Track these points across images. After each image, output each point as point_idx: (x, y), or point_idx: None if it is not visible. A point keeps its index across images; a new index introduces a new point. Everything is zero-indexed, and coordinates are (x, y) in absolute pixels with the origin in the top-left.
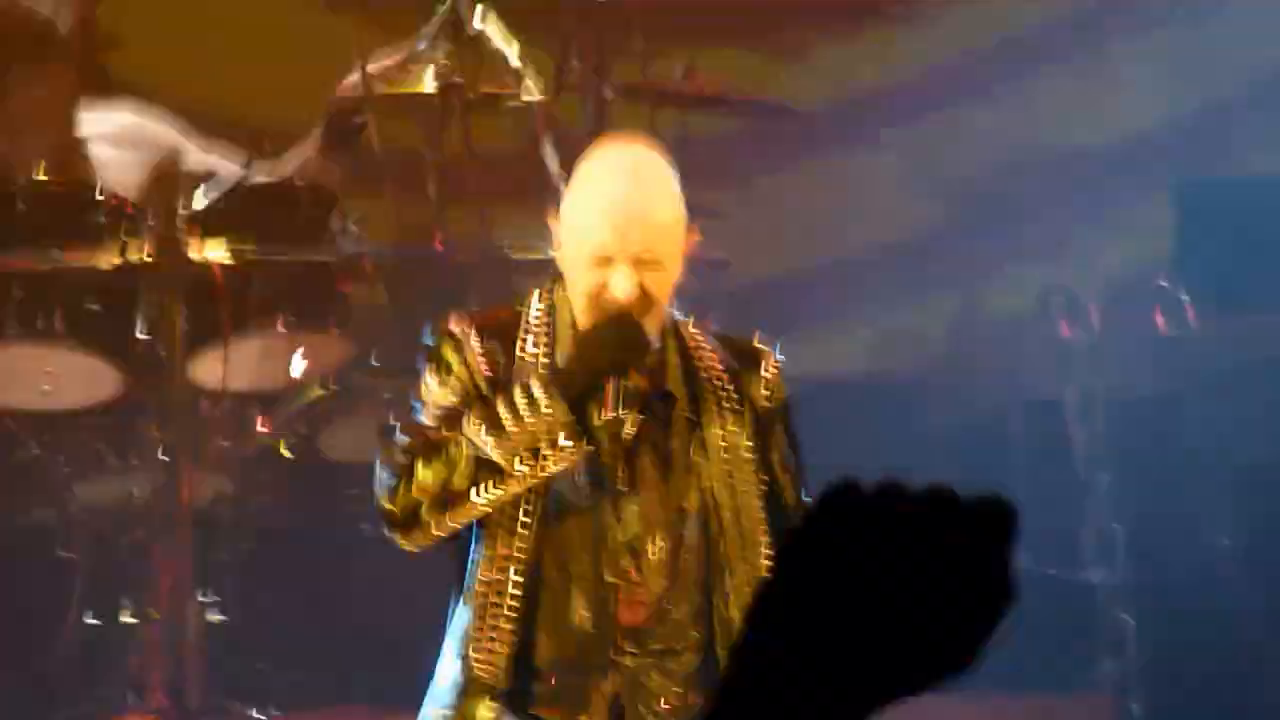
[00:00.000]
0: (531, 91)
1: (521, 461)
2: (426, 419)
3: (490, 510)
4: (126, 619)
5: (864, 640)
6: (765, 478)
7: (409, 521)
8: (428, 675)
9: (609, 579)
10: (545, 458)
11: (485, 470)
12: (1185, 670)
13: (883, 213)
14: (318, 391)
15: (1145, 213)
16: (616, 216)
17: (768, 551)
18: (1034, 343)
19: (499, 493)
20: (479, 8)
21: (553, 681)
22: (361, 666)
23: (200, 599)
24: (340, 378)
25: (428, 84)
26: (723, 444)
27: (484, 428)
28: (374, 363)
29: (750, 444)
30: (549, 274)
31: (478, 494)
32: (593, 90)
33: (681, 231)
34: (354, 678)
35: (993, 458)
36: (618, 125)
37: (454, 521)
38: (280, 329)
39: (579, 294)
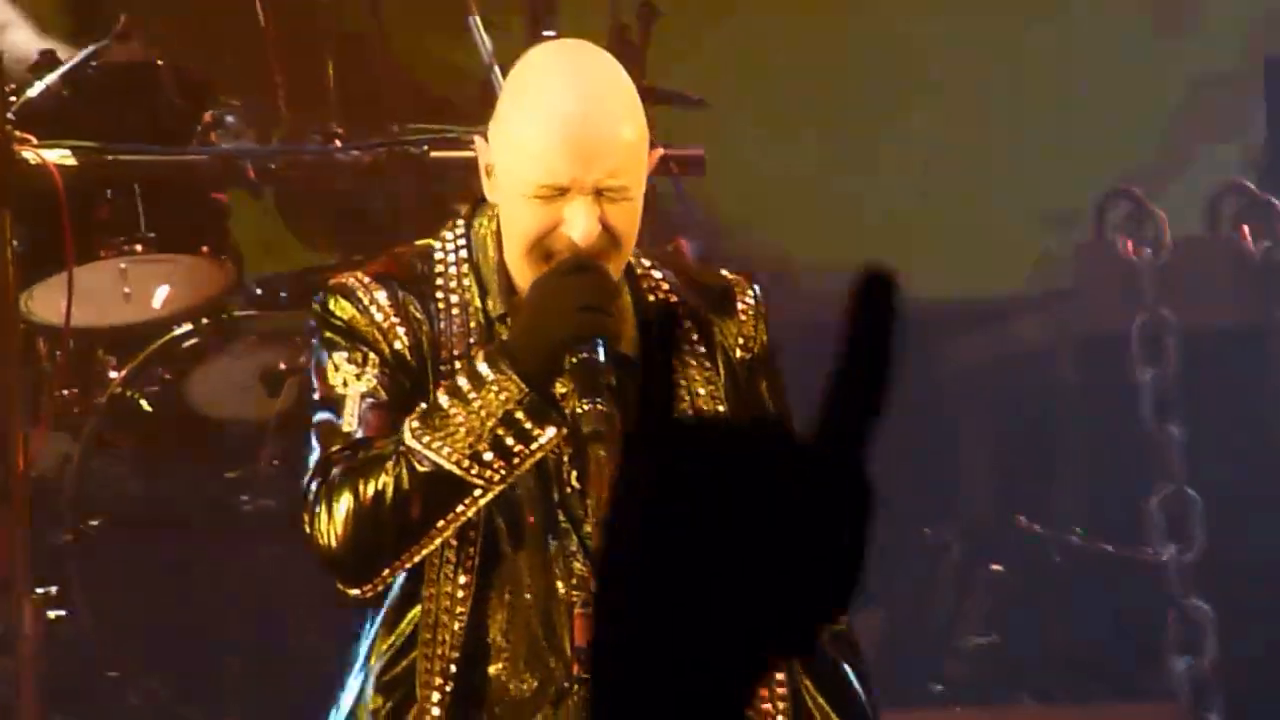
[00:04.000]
0: None
1: (482, 465)
2: (348, 421)
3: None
4: None
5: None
6: None
7: (361, 568)
8: (325, 688)
9: (561, 591)
10: (512, 454)
11: (443, 485)
12: (1275, 670)
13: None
14: (185, 328)
15: (1229, 104)
16: (572, 137)
17: None
18: (1090, 262)
19: (465, 509)
20: None
21: (496, 712)
22: (239, 676)
23: (37, 592)
24: (214, 311)
25: None
26: (689, 411)
27: (423, 426)
28: (257, 291)
29: (724, 408)
30: (477, 178)
31: (439, 516)
32: None
33: (646, 152)
34: (226, 690)
35: (1038, 405)
36: None
37: (417, 555)
38: (138, 250)
39: (518, 233)
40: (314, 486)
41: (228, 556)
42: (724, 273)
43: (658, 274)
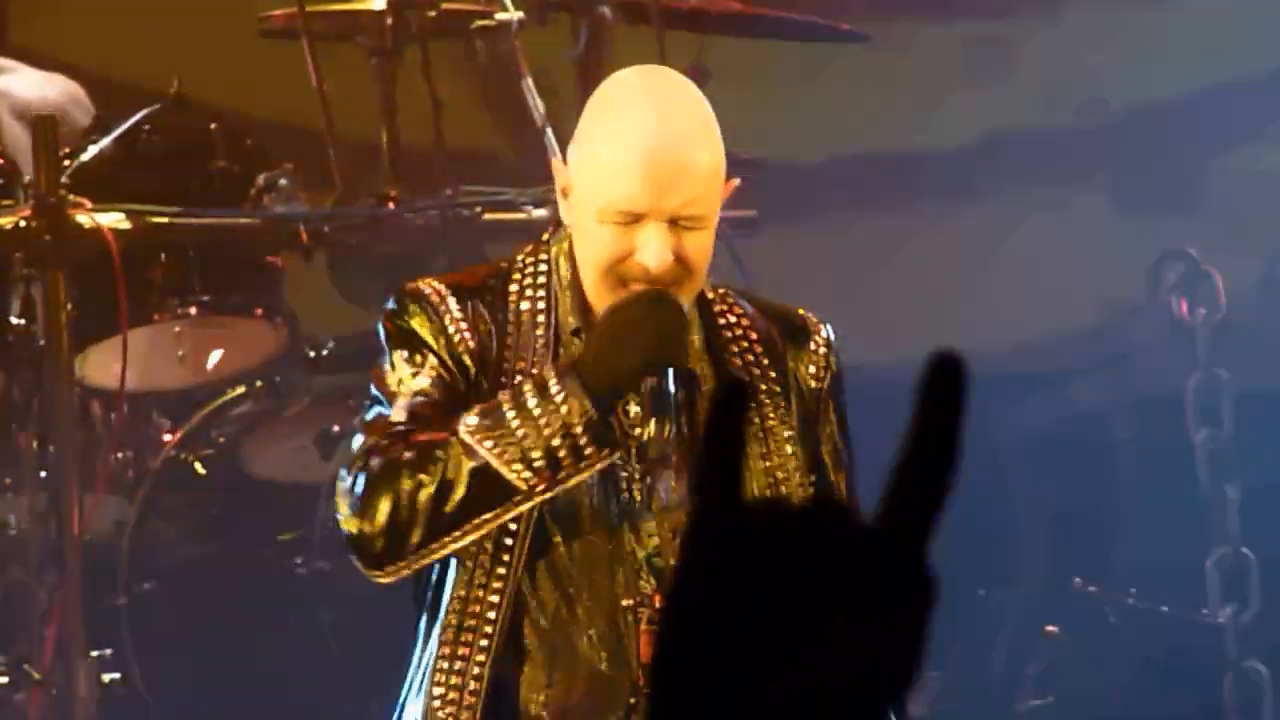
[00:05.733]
0: (508, 8)
1: (531, 471)
2: (398, 414)
3: (489, 532)
4: (0, 681)
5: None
6: (812, 477)
7: (388, 549)
8: None
9: (626, 604)
10: (561, 467)
11: (487, 481)
12: None
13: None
14: (239, 391)
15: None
16: (650, 163)
17: None
18: (1145, 324)
19: (503, 510)
20: None
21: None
22: None
23: (93, 655)
24: (267, 373)
25: (376, 0)
26: (760, 435)
27: (479, 425)
28: (310, 354)
29: (793, 434)
30: (531, 237)
31: (479, 512)
32: (586, 9)
33: (722, 181)
34: None
35: (1095, 466)
36: (618, 55)
37: (448, 547)
38: (192, 313)
39: (592, 257)
40: (352, 466)
41: (283, 619)
42: (799, 309)
43: (732, 300)
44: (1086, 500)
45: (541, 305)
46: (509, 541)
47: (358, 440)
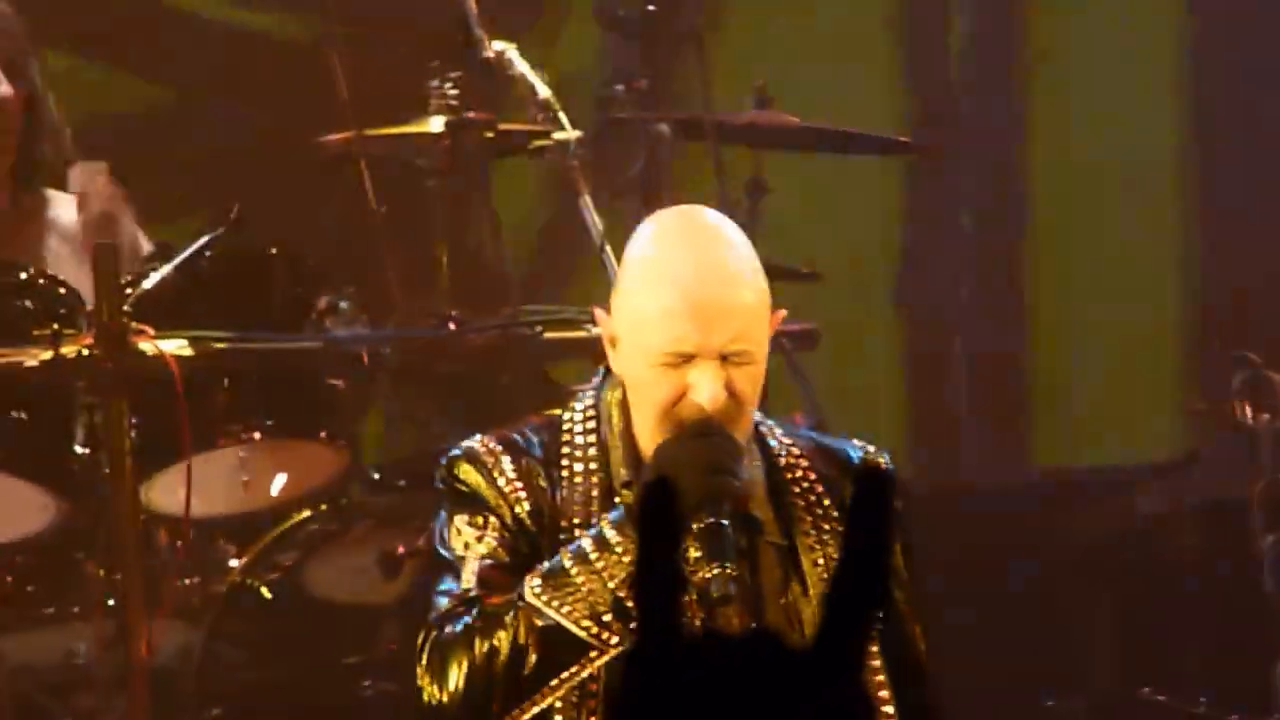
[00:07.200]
0: (566, 128)
1: (601, 625)
2: (467, 579)
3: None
4: None
5: None
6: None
7: (470, 718)
8: None
9: None
10: (630, 618)
11: (559, 641)
12: None
13: None
14: (304, 515)
15: None
16: (696, 305)
17: (889, 710)
18: (1209, 429)
19: (579, 669)
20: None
21: None
22: None
23: None
24: (332, 496)
25: (434, 122)
26: (824, 576)
27: (544, 585)
28: (375, 476)
29: None
30: (591, 356)
31: (555, 673)
32: (643, 127)
33: (768, 314)
34: None
35: (1158, 571)
36: (676, 171)
37: (528, 712)
38: (256, 437)
39: (646, 402)
40: (428, 643)
41: None
42: (856, 442)
43: (789, 441)
44: (1154, 608)
45: (594, 456)
46: (590, 698)
47: (432, 613)
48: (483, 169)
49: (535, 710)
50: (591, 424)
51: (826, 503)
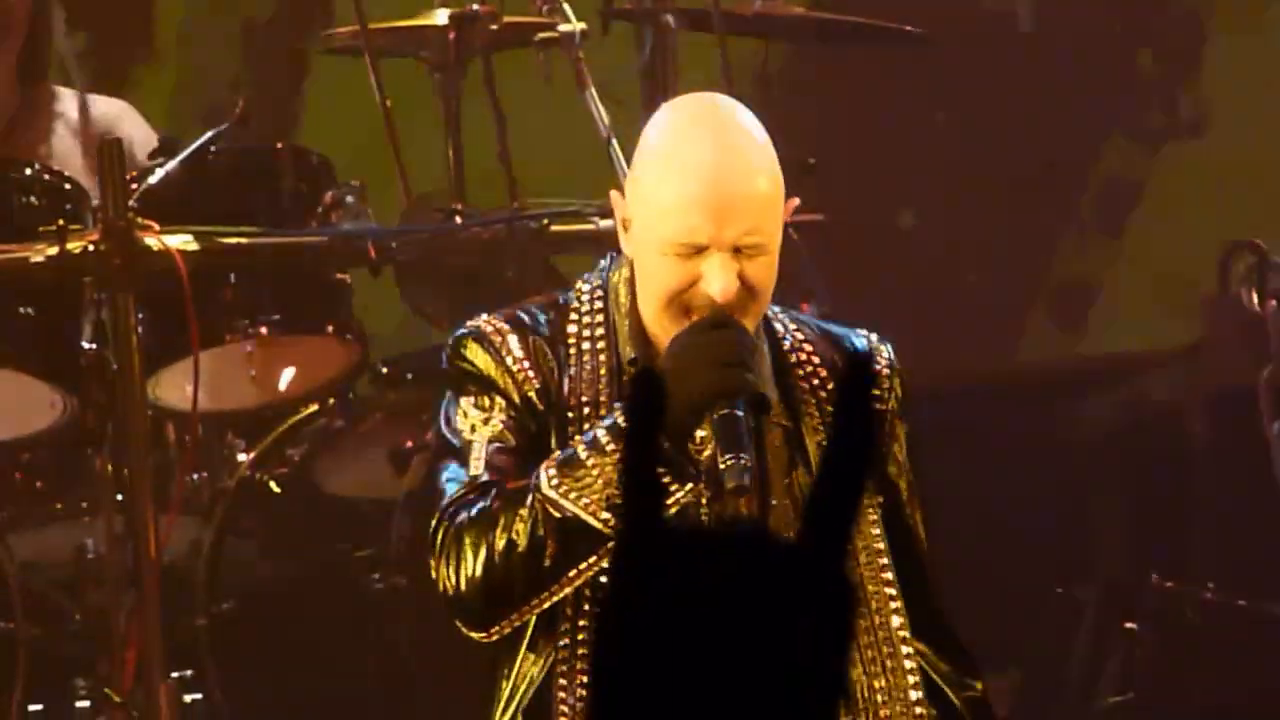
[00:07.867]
0: (571, 20)
1: (616, 515)
2: (475, 465)
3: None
4: (81, 704)
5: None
6: (880, 498)
7: (490, 612)
8: None
9: None
10: None
11: (577, 533)
12: None
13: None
14: (312, 409)
15: None
16: (710, 195)
17: (893, 593)
18: (1215, 317)
19: (598, 559)
20: None
21: None
22: None
23: (172, 676)
24: (340, 390)
25: (438, 15)
26: (813, 458)
27: (559, 475)
28: (383, 370)
29: None
30: (597, 248)
31: (573, 564)
32: (650, 18)
33: (781, 204)
34: None
35: (1168, 463)
36: (682, 63)
37: (546, 603)
38: (263, 332)
39: (654, 287)
40: (441, 530)
41: (360, 636)
42: (860, 331)
43: (794, 326)
44: (1163, 496)
45: (602, 335)
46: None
47: (441, 499)
48: (487, 62)
49: (551, 601)
50: (599, 303)
51: (830, 387)
